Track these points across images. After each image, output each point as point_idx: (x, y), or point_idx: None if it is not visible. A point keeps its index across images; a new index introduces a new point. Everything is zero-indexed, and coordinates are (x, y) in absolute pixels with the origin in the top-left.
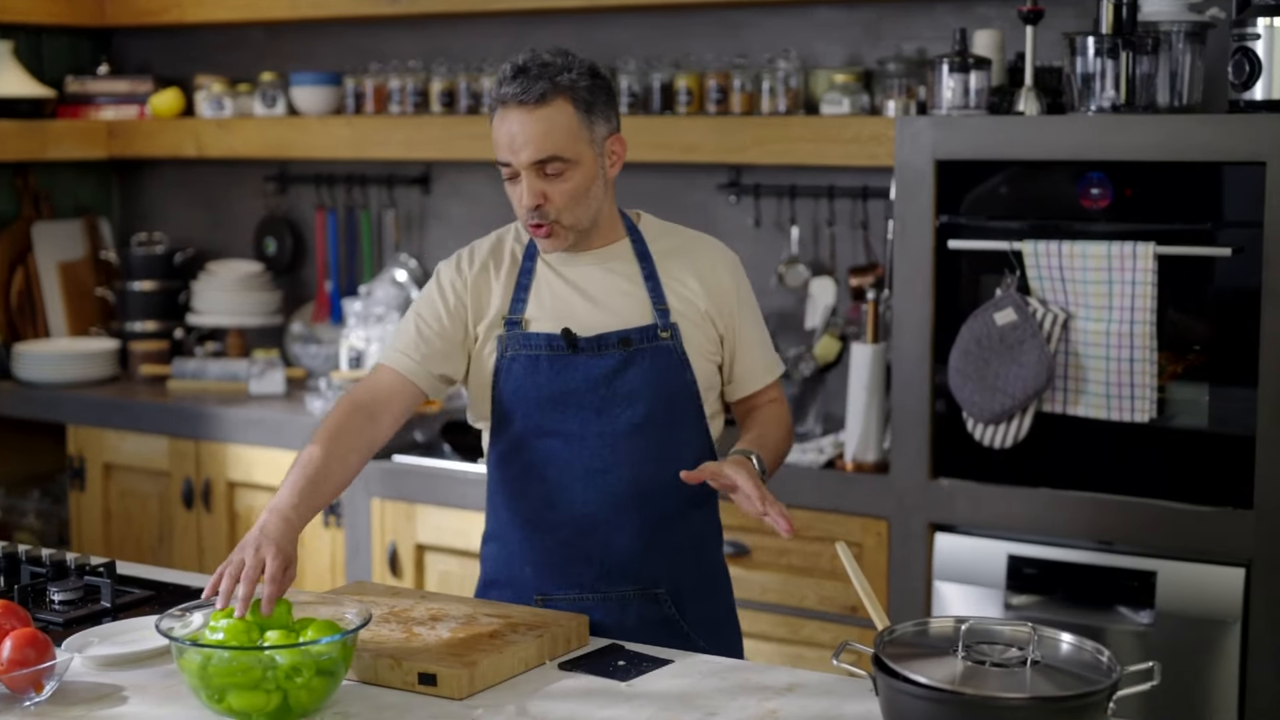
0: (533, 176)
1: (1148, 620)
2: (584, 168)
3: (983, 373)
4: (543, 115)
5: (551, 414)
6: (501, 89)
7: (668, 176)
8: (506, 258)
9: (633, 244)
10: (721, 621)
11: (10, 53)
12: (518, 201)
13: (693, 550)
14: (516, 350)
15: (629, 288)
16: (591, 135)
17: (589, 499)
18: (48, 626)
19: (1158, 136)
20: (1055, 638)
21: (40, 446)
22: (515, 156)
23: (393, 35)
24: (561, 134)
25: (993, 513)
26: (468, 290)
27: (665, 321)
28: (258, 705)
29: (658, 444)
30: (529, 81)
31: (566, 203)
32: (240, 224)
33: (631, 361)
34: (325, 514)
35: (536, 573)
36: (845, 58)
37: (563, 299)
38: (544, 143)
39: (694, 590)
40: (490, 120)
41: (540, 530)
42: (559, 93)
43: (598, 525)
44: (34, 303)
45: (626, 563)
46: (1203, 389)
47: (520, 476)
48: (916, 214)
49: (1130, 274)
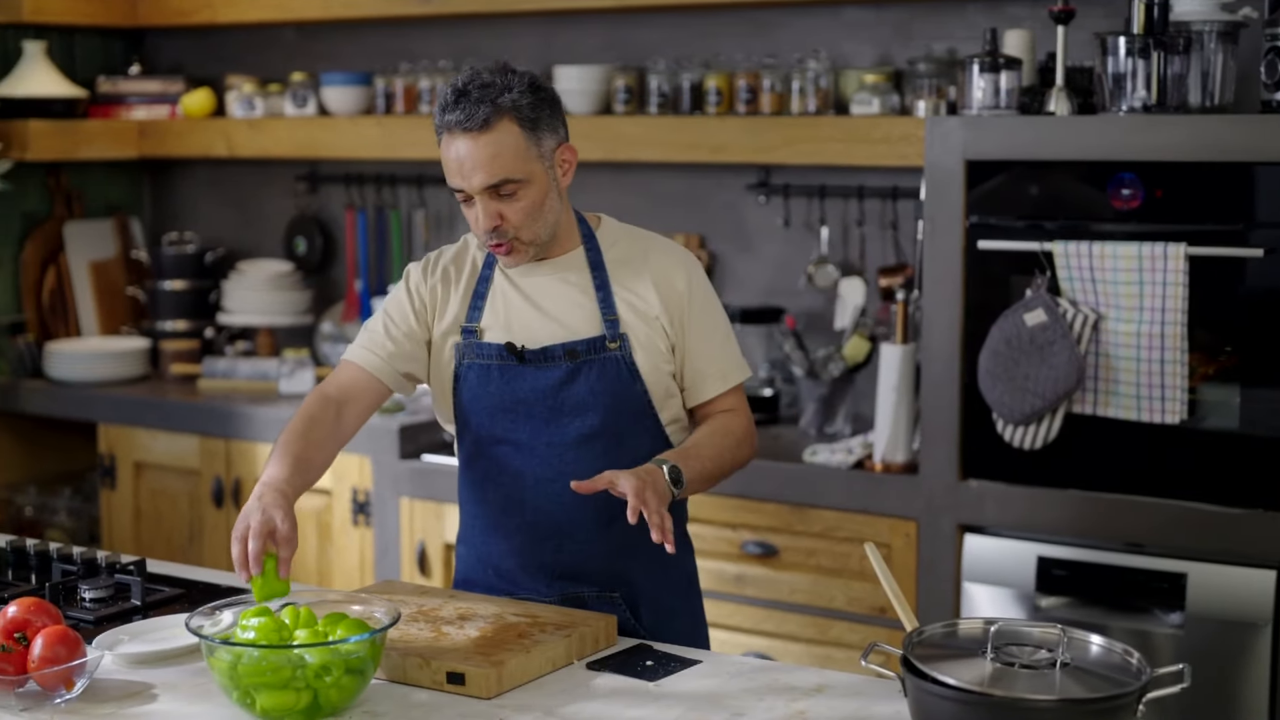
0: (487, 199)
1: (1178, 622)
2: (536, 184)
3: (1012, 373)
4: (489, 140)
5: (504, 422)
6: (445, 116)
7: (697, 177)
8: (468, 265)
9: (587, 253)
10: (681, 628)
11: (43, 53)
12: (474, 223)
13: (651, 557)
14: (471, 359)
15: (580, 298)
16: (540, 150)
17: (540, 506)
18: (78, 624)
19: (1189, 137)
20: (1085, 639)
21: (71, 445)
22: (467, 182)
23: (423, 35)
24: (510, 156)
25: (1022, 514)
26: (429, 293)
27: (614, 332)
28: (287, 704)
29: (608, 454)
30: (471, 106)
31: (523, 220)
32: (271, 223)
33: (578, 372)
34: (354, 513)
35: (499, 575)
36: (875, 58)
37: (516, 309)
38: (493, 167)
39: (653, 596)
40: (438, 143)
41: (499, 534)
42: (502, 115)
43: (550, 532)
44: (65, 302)
45: (581, 567)
46: (1234, 390)
47: (480, 481)
48: (946, 214)
49: (1161, 275)
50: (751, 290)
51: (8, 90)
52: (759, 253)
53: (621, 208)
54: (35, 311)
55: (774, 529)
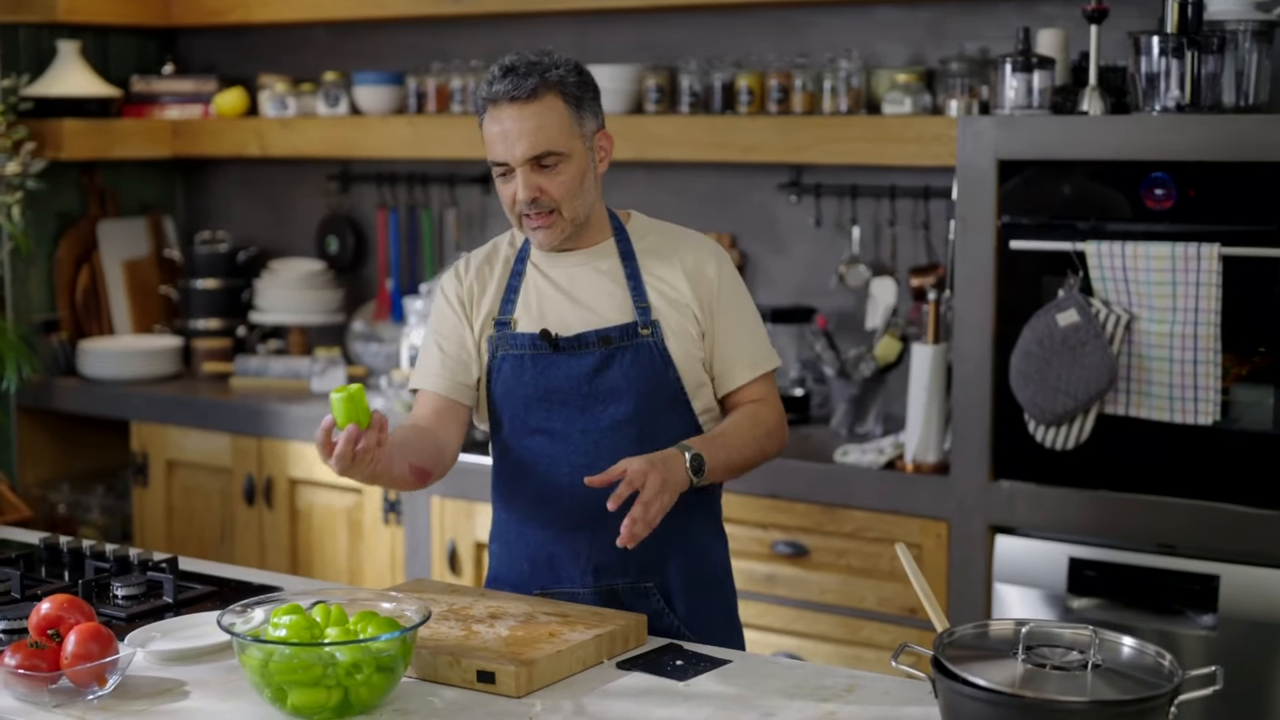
0: (528, 171)
1: (1210, 624)
2: (577, 161)
3: (1044, 374)
4: (535, 110)
5: (538, 412)
6: (491, 88)
7: (728, 176)
8: (500, 261)
9: (618, 243)
10: (716, 621)
11: (77, 53)
12: (510, 199)
13: (685, 548)
14: (505, 350)
15: (612, 287)
16: (582, 130)
17: (575, 495)
18: (111, 621)
19: (1223, 136)
20: (1116, 641)
21: (104, 443)
22: (510, 153)
23: (455, 35)
24: (554, 128)
25: (1054, 515)
26: (467, 294)
27: (646, 319)
28: (318, 701)
29: (642, 440)
30: (519, 79)
31: (563, 194)
32: (303, 223)
33: (612, 359)
34: (385, 511)
35: (533, 568)
36: (907, 57)
37: (548, 299)
38: (538, 137)
39: (686, 588)
40: (480, 122)
41: (533, 526)
42: (549, 88)
43: (585, 521)
44: (99, 300)
45: (616, 557)
46: (1268, 391)
47: (516, 473)
48: (978, 214)
49: (1194, 275)
50: (783, 290)
51: (42, 90)
52: (790, 252)
53: (653, 207)
54: (69, 310)
55: (805, 529)
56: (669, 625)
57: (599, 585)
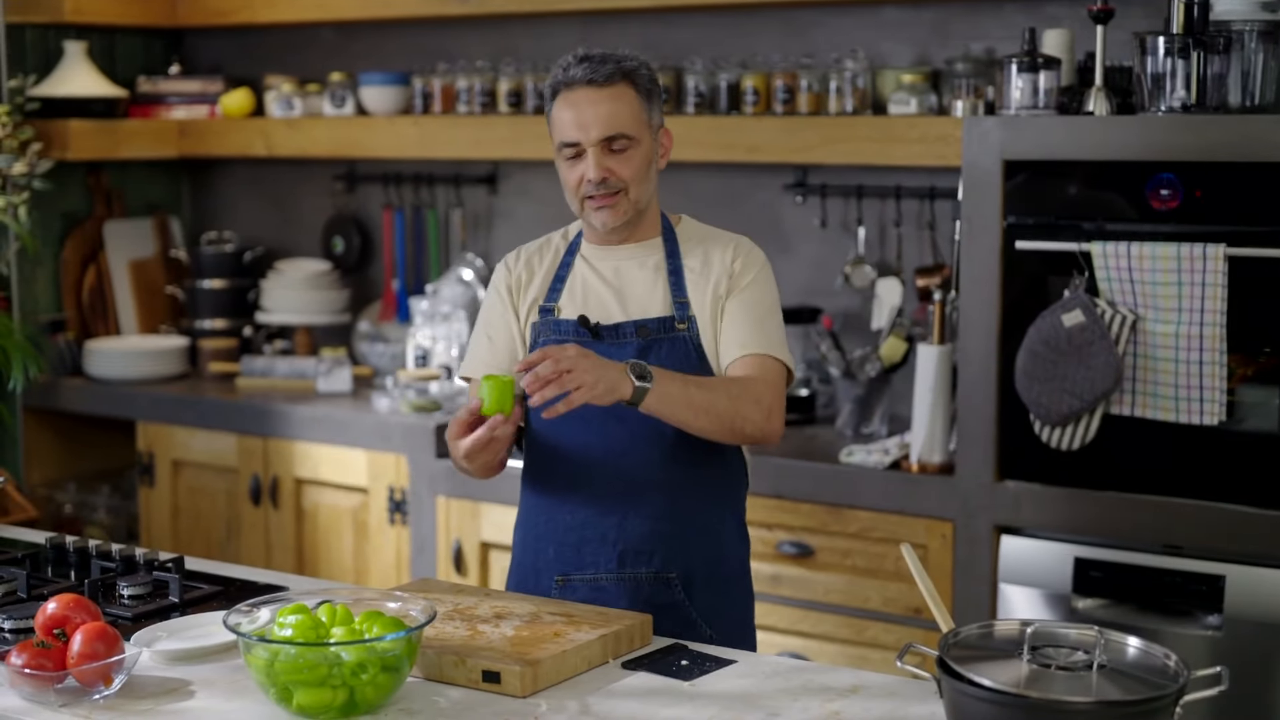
0: (599, 153)
1: (1216, 625)
2: (644, 149)
3: (1050, 374)
4: (611, 94)
5: None
6: (568, 73)
7: (734, 176)
8: (550, 252)
9: (664, 242)
10: (734, 617)
11: (84, 53)
12: (576, 181)
13: (708, 542)
14: (546, 335)
15: (654, 281)
16: (650, 121)
17: (607, 480)
18: (117, 621)
19: (1229, 137)
20: (1122, 642)
21: (110, 442)
22: (585, 134)
23: (461, 35)
24: (627, 114)
25: (1059, 515)
26: (515, 283)
27: (683, 314)
28: (324, 701)
29: (674, 431)
30: (596, 65)
31: (631, 176)
32: (309, 223)
33: (649, 350)
34: (390, 511)
35: (558, 554)
36: (913, 57)
37: (593, 290)
38: (613, 120)
39: (706, 581)
40: (548, 108)
41: (563, 511)
42: (624, 76)
43: (615, 507)
44: (105, 300)
45: (641, 545)
46: (1273, 392)
47: (549, 458)
48: (984, 214)
49: (1200, 275)
50: (788, 290)
51: (49, 90)
52: (796, 253)
53: None
54: (75, 310)
55: (810, 529)
56: (687, 617)
57: (623, 572)
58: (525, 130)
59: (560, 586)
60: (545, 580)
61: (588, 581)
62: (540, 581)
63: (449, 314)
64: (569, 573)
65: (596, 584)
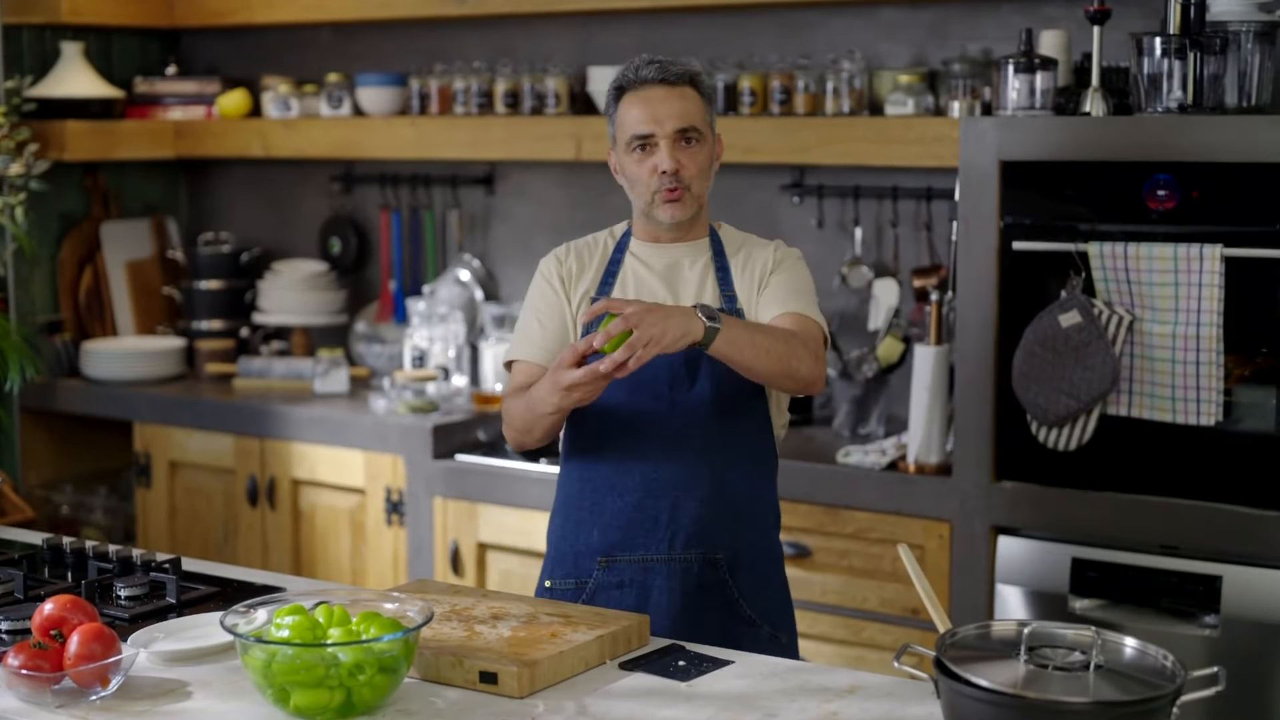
0: (672, 145)
1: (1213, 625)
2: (708, 146)
3: (1047, 375)
4: (681, 93)
5: (626, 384)
6: (639, 73)
7: (731, 177)
8: (600, 249)
9: (711, 242)
10: (773, 597)
11: (80, 54)
12: (648, 173)
13: (751, 525)
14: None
15: (704, 277)
16: (711, 122)
17: (660, 462)
18: (114, 622)
19: (1225, 137)
20: (1119, 642)
21: (107, 443)
22: (660, 126)
23: (458, 36)
24: (696, 111)
25: (1056, 516)
26: (566, 273)
27: (732, 307)
28: (321, 702)
29: (725, 419)
30: (666, 65)
31: (697, 172)
32: (306, 224)
33: None
34: (387, 512)
35: (604, 535)
36: (910, 58)
37: (644, 283)
38: (686, 115)
39: (749, 563)
40: (613, 106)
41: (612, 494)
42: (692, 79)
43: (667, 489)
44: (102, 301)
45: (691, 527)
46: (1270, 392)
47: (596, 443)
48: (981, 215)
49: (1197, 276)
50: None
51: (46, 91)
52: None
53: None
54: (72, 311)
55: (807, 530)
56: (730, 596)
57: (673, 554)
58: (522, 131)
59: (604, 568)
60: (586, 563)
61: (635, 562)
62: (580, 564)
63: (446, 315)
64: (615, 555)
65: (645, 564)
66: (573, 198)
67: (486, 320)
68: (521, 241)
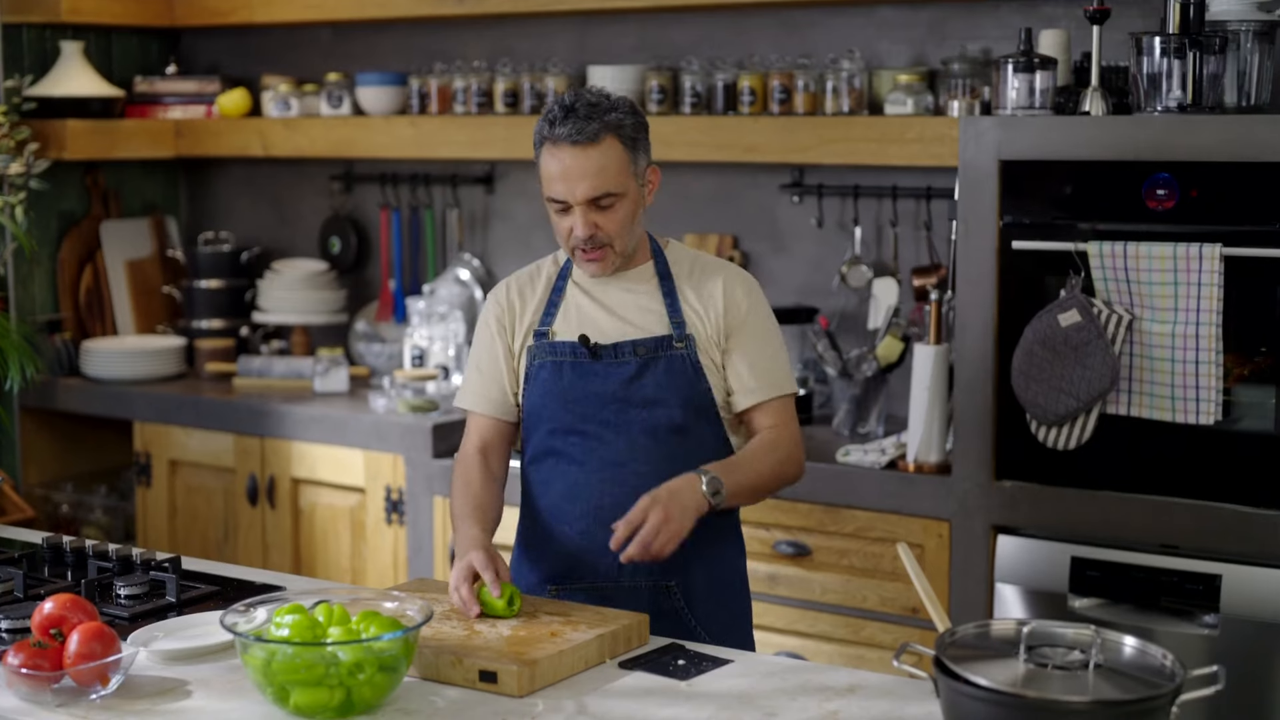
0: (586, 209)
1: (1212, 624)
2: (630, 198)
3: (1046, 374)
4: (595, 153)
5: (575, 412)
6: (554, 129)
7: (730, 176)
8: (542, 280)
9: (656, 265)
10: (732, 625)
11: (80, 53)
12: (566, 233)
13: (708, 552)
14: (543, 358)
15: (649, 303)
16: (636, 169)
17: (607, 491)
18: (114, 621)
19: (1225, 137)
20: (1118, 641)
21: (107, 443)
22: (571, 193)
23: (458, 35)
24: (613, 170)
25: (1056, 515)
26: (506, 312)
27: (680, 333)
28: (321, 701)
29: (675, 445)
30: (580, 122)
31: (617, 230)
32: (305, 223)
33: (647, 368)
34: (387, 511)
35: (553, 564)
36: (909, 58)
37: (587, 314)
38: (598, 180)
39: (706, 591)
40: (536, 152)
41: (562, 522)
42: (609, 131)
43: (615, 516)
44: (102, 300)
45: None
46: (1269, 391)
47: (548, 472)
48: (980, 214)
49: (1196, 275)
50: (785, 290)
51: (46, 90)
52: (792, 253)
53: (655, 208)
54: (72, 310)
55: (807, 529)
56: (686, 625)
57: (622, 582)
58: (522, 130)
59: (555, 594)
60: (538, 591)
61: (586, 589)
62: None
63: (446, 314)
64: (563, 583)
65: (596, 591)
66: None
67: None
68: (521, 241)
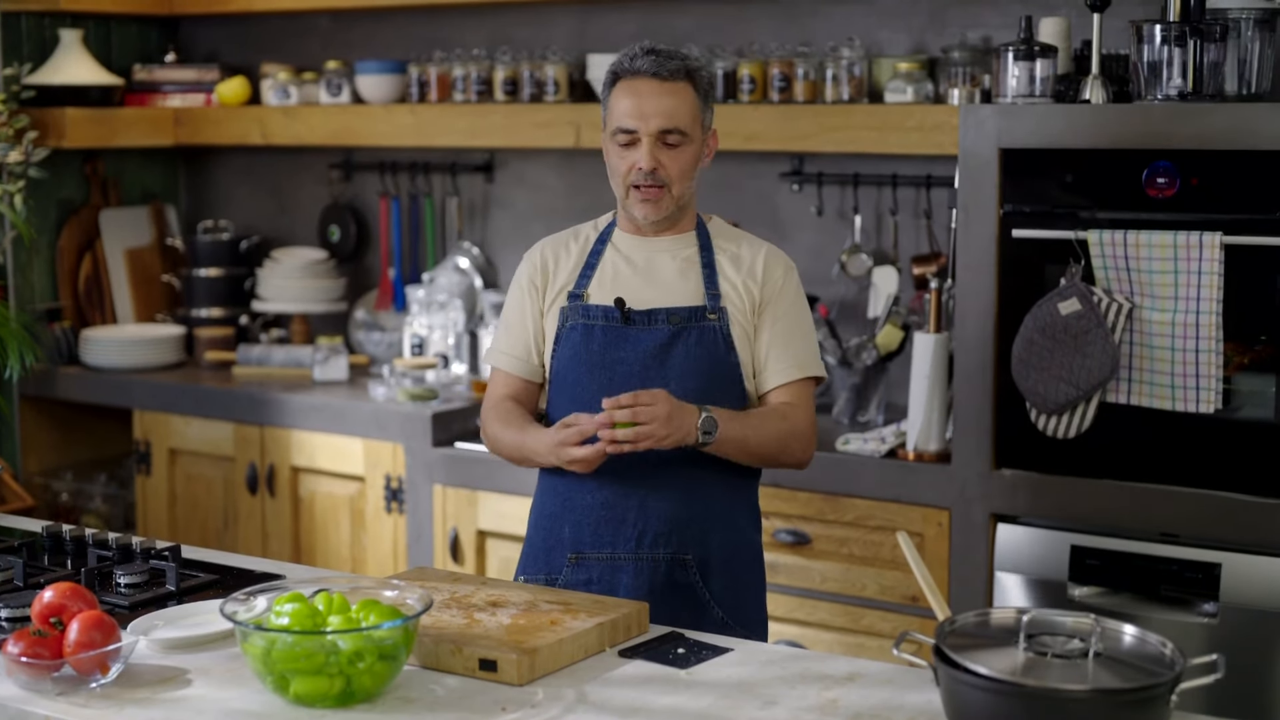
0: (653, 144)
1: (1212, 613)
2: (694, 146)
3: (1046, 362)
4: (673, 89)
5: (600, 378)
6: (634, 63)
7: (730, 164)
8: (580, 241)
9: (698, 236)
10: (746, 601)
11: (80, 41)
12: (627, 170)
13: (725, 526)
14: (576, 320)
15: (687, 272)
16: (704, 120)
17: (629, 460)
18: (114, 609)
19: (1225, 125)
20: (1118, 629)
21: (107, 431)
22: (644, 124)
23: (457, 23)
24: (686, 111)
25: (1055, 503)
26: (539, 272)
27: (714, 305)
28: (321, 689)
29: None
30: (663, 59)
31: (678, 173)
32: (305, 211)
33: (679, 337)
34: (387, 500)
35: (574, 532)
36: (909, 46)
37: (623, 277)
38: (673, 115)
39: (722, 564)
40: (607, 91)
41: (583, 491)
42: (688, 75)
43: (637, 487)
44: (101, 289)
45: (660, 527)
46: (1269, 380)
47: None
48: (980, 203)
49: (1196, 264)
50: None
51: (45, 78)
52: (792, 241)
53: None
54: (71, 298)
55: (806, 517)
56: (700, 599)
57: (640, 553)
58: (521, 118)
59: (573, 564)
60: (557, 558)
61: (603, 560)
62: (551, 559)
63: (445, 302)
64: (584, 551)
65: (613, 562)
66: (572, 185)
67: (486, 308)
68: (521, 229)
